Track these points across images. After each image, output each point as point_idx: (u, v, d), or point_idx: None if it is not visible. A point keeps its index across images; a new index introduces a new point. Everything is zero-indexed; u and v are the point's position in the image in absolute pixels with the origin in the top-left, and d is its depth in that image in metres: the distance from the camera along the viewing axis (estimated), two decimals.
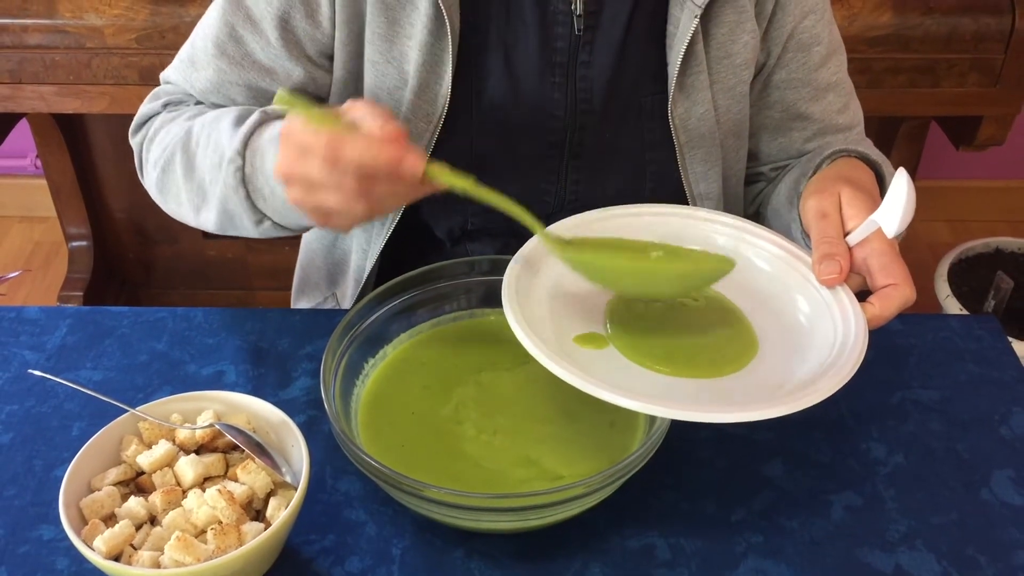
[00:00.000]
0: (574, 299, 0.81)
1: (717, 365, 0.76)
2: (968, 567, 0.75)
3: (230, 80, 0.94)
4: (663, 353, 0.77)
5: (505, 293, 0.76)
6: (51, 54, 1.62)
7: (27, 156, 2.47)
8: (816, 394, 0.69)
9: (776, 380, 0.74)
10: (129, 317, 0.97)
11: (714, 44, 0.94)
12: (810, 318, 0.80)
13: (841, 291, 0.78)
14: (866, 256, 0.78)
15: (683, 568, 0.75)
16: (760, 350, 0.78)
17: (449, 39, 0.88)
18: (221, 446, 0.75)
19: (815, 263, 0.80)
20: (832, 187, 0.83)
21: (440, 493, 0.69)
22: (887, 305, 0.76)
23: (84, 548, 0.66)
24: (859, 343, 0.73)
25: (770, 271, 0.84)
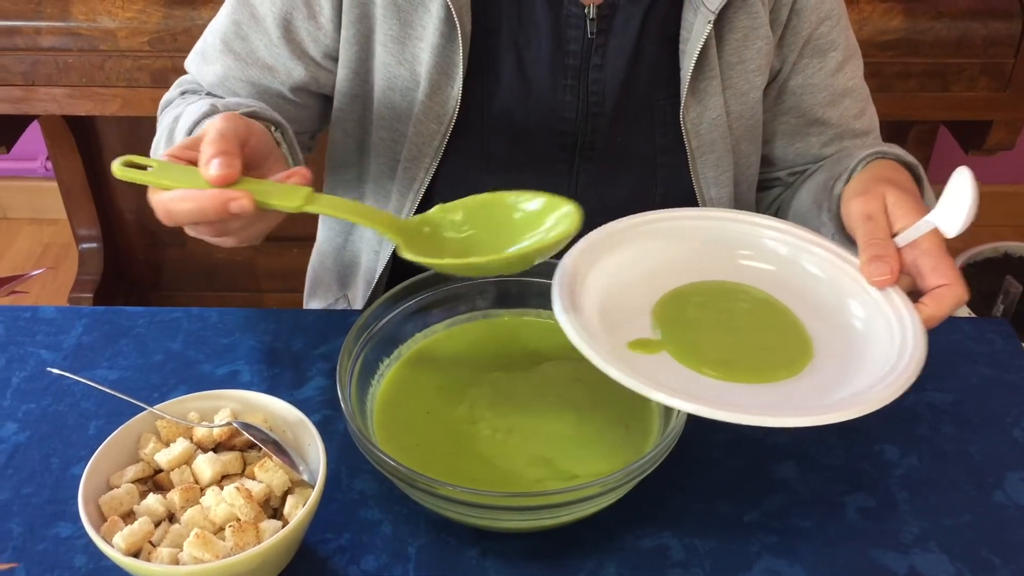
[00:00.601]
0: (621, 303, 0.80)
1: (772, 370, 0.75)
2: (982, 568, 0.75)
3: (235, 76, 0.96)
4: (718, 358, 0.75)
5: (557, 303, 0.75)
6: (64, 56, 1.63)
7: (37, 158, 2.48)
8: (882, 397, 0.68)
9: (834, 384, 0.73)
10: (144, 317, 0.97)
11: (727, 50, 0.94)
12: (864, 322, 0.78)
13: (893, 293, 0.77)
14: (916, 257, 0.77)
15: (697, 568, 0.75)
16: (815, 354, 0.77)
17: (460, 41, 0.89)
18: (238, 444, 0.76)
19: (864, 265, 0.78)
20: (876, 189, 0.81)
21: (455, 491, 0.69)
22: (941, 305, 0.75)
23: (104, 545, 0.66)
24: (920, 345, 0.72)
25: (823, 276, 0.83)
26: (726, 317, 0.81)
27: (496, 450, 0.79)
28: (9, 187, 2.57)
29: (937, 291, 0.75)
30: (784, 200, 1.07)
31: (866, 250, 0.78)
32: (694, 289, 0.83)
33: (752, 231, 0.86)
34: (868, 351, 0.76)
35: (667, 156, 0.98)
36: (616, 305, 0.79)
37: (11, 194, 2.58)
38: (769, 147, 1.06)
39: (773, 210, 1.10)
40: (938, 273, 0.75)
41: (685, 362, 0.75)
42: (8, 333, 0.95)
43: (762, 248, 0.85)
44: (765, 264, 0.85)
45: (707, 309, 0.81)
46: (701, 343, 0.77)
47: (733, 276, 0.84)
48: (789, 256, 0.84)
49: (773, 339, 0.79)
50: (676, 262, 0.84)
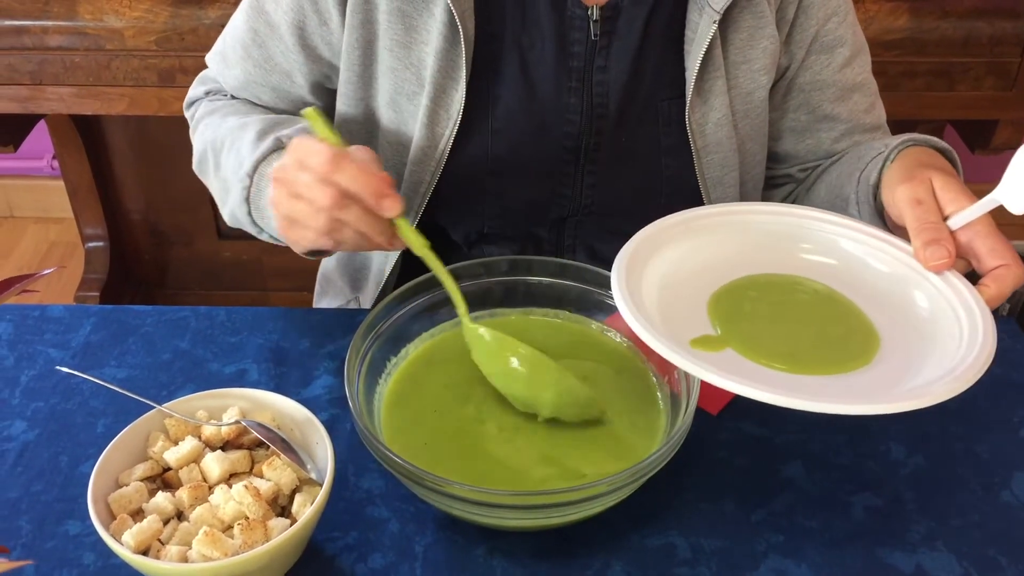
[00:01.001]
0: (679, 300, 0.80)
1: (839, 361, 0.74)
2: (989, 568, 0.75)
3: (255, 81, 0.99)
4: (783, 351, 0.75)
5: (619, 298, 0.74)
6: (71, 56, 1.63)
7: (44, 157, 2.49)
8: (961, 381, 0.68)
9: (904, 373, 0.73)
10: (152, 316, 0.98)
11: (732, 49, 0.94)
12: (930, 311, 0.78)
13: (954, 279, 0.77)
14: (970, 239, 0.76)
15: (703, 567, 0.75)
16: (882, 344, 0.76)
17: (463, 45, 0.89)
18: (247, 443, 0.76)
19: (919, 250, 0.77)
20: (921, 174, 0.81)
21: (463, 490, 0.69)
22: (1004, 284, 0.75)
23: (113, 542, 0.66)
24: (990, 322, 0.72)
25: (884, 269, 0.82)
26: (785, 310, 0.80)
27: (503, 449, 0.79)
28: (16, 186, 2.58)
29: (997, 271, 0.75)
30: (798, 196, 1.07)
31: (920, 235, 0.78)
32: (749, 283, 0.83)
33: (810, 224, 0.86)
34: (936, 338, 0.76)
35: (672, 156, 0.98)
36: (673, 302, 0.79)
37: (18, 193, 2.59)
38: (779, 144, 1.05)
39: None
40: (996, 254, 0.75)
41: (751, 357, 0.75)
42: (17, 332, 0.96)
43: (822, 242, 0.85)
44: (826, 258, 0.85)
45: (763, 303, 0.81)
46: (763, 337, 0.77)
47: (792, 270, 0.84)
48: (848, 248, 0.85)
49: (837, 331, 0.78)
50: (733, 257, 0.84)
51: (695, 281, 0.82)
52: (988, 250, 0.76)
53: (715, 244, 0.85)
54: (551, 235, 1.03)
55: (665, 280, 0.80)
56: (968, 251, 0.77)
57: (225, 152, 0.93)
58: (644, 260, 0.80)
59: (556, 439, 0.80)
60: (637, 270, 0.79)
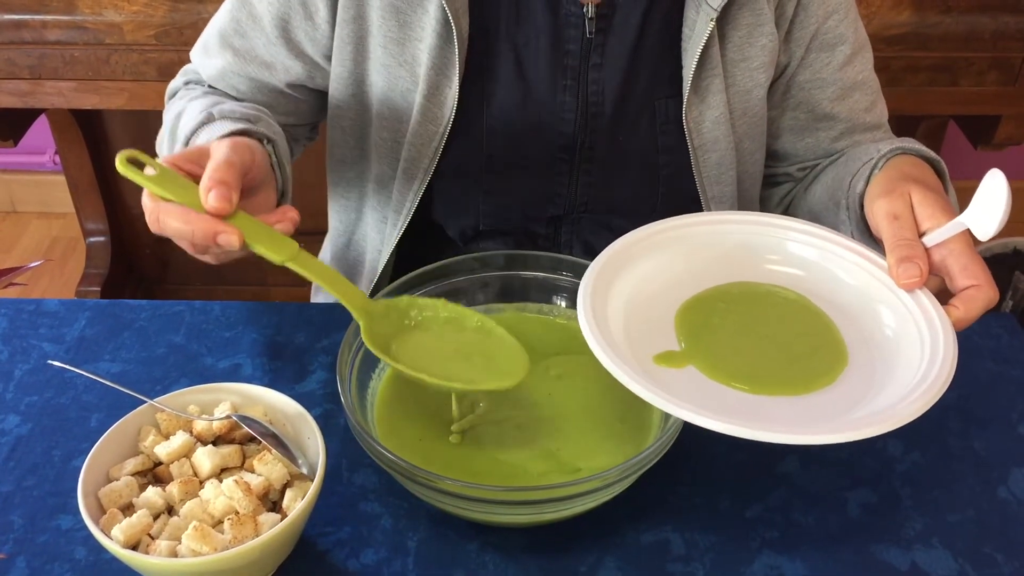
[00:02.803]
0: (646, 314, 0.79)
1: (803, 381, 0.73)
2: (985, 565, 0.74)
3: (234, 71, 0.98)
4: (748, 370, 0.74)
5: (583, 315, 0.74)
6: (70, 50, 1.63)
7: (46, 152, 2.49)
8: (915, 408, 0.67)
9: (865, 395, 0.72)
10: (147, 310, 0.98)
11: (730, 47, 0.93)
12: (894, 327, 0.77)
13: (923, 296, 0.76)
14: (944, 257, 0.75)
15: (697, 563, 0.75)
16: (848, 362, 0.75)
17: (456, 43, 0.88)
18: (238, 437, 0.76)
19: (892, 266, 0.76)
20: (901, 187, 0.80)
21: (455, 485, 0.69)
22: (971, 307, 0.73)
23: (102, 537, 0.66)
24: (950, 351, 0.71)
25: (851, 281, 0.81)
26: (754, 323, 0.79)
27: (498, 445, 0.79)
28: (18, 181, 2.58)
29: (967, 292, 0.74)
30: (796, 195, 1.06)
31: (894, 251, 0.77)
32: (719, 295, 0.81)
33: (779, 234, 0.84)
34: (899, 358, 0.74)
35: (669, 155, 0.97)
36: (641, 316, 0.78)
37: (20, 188, 2.59)
38: (778, 142, 1.05)
39: (784, 206, 1.09)
40: (968, 274, 0.74)
41: (712, 376, 0.74)
42: (11, 326, 0.96)
43: (789, 252, 0.84)
44: (793, 269, 0.84)
45: (733, 315, 0.79)
46: (727, 353, 0.76)
47: (762, 281, 0.83)
48: (818, 260, 0.83)
49: (804, 346, 0.77)
50: (700, 269, 0.83)
51: (665, 294, 0.81)
52: (960, 269, 0.74)
53: (684, 256, 0.83)
54: (548, 232, 1.02)
55: (634, 294, 0.79)
56: (942, 269, 0.76)
57: (179, 133, 0.90)
58: (613, 275, 0.79)
59: (552, 434, 0.79)
60: (604, 287, 0.78)
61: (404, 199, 0.97)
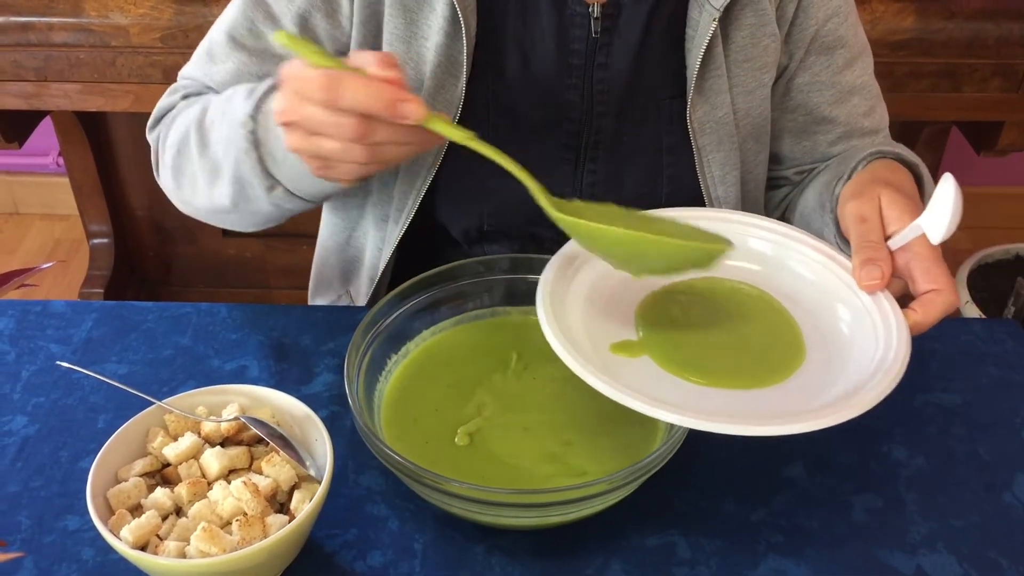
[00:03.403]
0: (609, 303, 0.80)
1: (757, 376, 0.74)
2: (990, 570, 0.75)
3: (249, 71, 0.95)
4: (700, 364, 0.75)
5: (540, 300, 0.75)
6: (76, 52, 1.64)
7: (49, 154, 2.49)
8: (858, 406, 0.67)
9: (816, 391, 0.73)
10: (154, 312, 0.98)
11: (734, 47, 0.94)
12: (851, 325, 0.78)
13: (882, 297, 0.77)
14: (908, 260, 0.76)
15: (703, 567, 0.75)
16: (805, 360, 0.76)
17: (464, 41, 0.89)
18: (246, 439, 0.76)
19: (856, 268, 0.77)
20: (871, 190, 0.81)
21: (462, 488, 0.69)
22: (930, 311, 0.74)
23: (111, 538, 0.66)
24: (902, 352, 0.72)
25: (810, 277, 0.82)
26: (715, 316, 0.80)
27: (505, 447, 0.79)
28: (21, 183, 2.58)
29: (926, 296, 0.75)
30: (791, 200, 1.07)
31: (858, 253, 0.78)
32: (681, 288, 0.82)
33: (739, 230, 0.85)
34: (853, 355, 0.75)
35: (673, 155, 0.98)
36: (600, 308, 0.79)
37: (23, 189, 2.60)
38: (776, 145, 1.05)
39: (782, 210, 1.09)
40: (929, 278, 0.75)
41: (666, 367, 0.75)
42: (19, 327, 0.96)
43: (748, 248, 0.85)
44: (751, 264, 0.84)
45: (694, 308, 0.80)
46: (684, 346, 0.77)
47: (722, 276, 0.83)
48: (775, 256, 0.84)
49: (763, 341, 0.78)
50: None
51: (625, 287, 0.81)
52: (923, 272, 0.75)
53: None
54: (553, 234, 1.02)
55: (595, 287, 0.80)
56: (905, 272, 0.77)
57: (216, 125, 0.87)
58: (575, 267, 0.80)
59: (559, 437, 0.80)
60: (566, 278, 0.79)
61: (406, 198, 0.98)
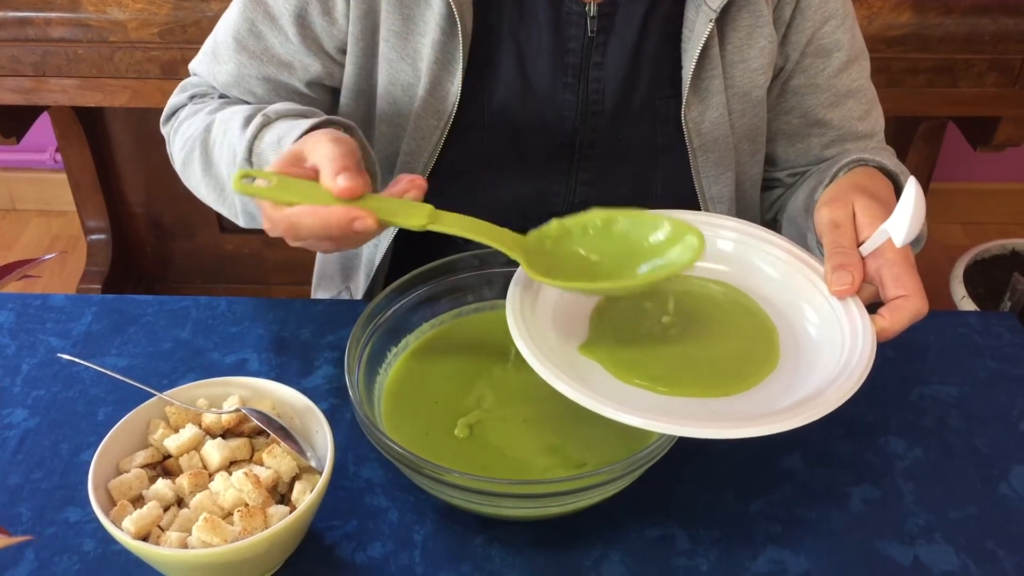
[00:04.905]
0: (572, 308, 0.80)
1: (727, 384, 0.74)
2: (987, 560, 0.75)
3: (250, 74, 0.96)
4: (659, 373, 0.74)
5: (509, 303, 0.75)
6: (74, 48, 1.63)
7: (47, 150, 2.49)
8: (820, 408, 0.67)
9: (782, 392, 0.73)
10: (153, 305, 0.98)
11: (730, 48, 0.94)
12: (819, 328, 0.78)
13: (851, 302, 0.77)
14: (879, 266, 0.76)
15: (701, 558, 0.75)
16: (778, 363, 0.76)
17: (460, 38, 0.89)
18: (247, 431, 0.76)
19: (827, 273, 0.78)
20: (846, 197, 0.81)
21: (462, 478, 0.70)
22: (897, 318, 0.74)
23: (113, 528, 0.67)
24: (865, 357, 0.72)
25: (778, 278, 0.82)
26: (685, 325, 0.79)
27: (504, 439, 0.79)
28: (18, 178, 2.58)
29: (895, 302, 0.75)
30: (783, 202, 1.07)
31: (830, 258, 0.78)
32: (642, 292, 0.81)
33: (707, 231, 0.83)
34: (819, 359, 0.75)
35: (668, 155, 0.98)
36: (567, 310, 0.79)
37: (20, 185, 2.59)
38: (771, 147, 1.05)
39: (774, 211, 1.10)
40: (899, 284, 0.75)
41: (619, 375, 0.74)
42: (19, 320, 0.96)
43: (714, 248, 0.84)
44: (718, 265, 0.84)
45: (648, 316, 0.80)
46: (638, 356, 0.76)
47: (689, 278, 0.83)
48: (742, 256, 0.84)
49: (736, 348, 0.78)
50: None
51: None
52: (892, 279, 0.75)
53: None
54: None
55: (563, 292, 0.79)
56: (875, 278, 0.77)
57: (217, 147, 0.90)
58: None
59: (558, 429, 0.80)
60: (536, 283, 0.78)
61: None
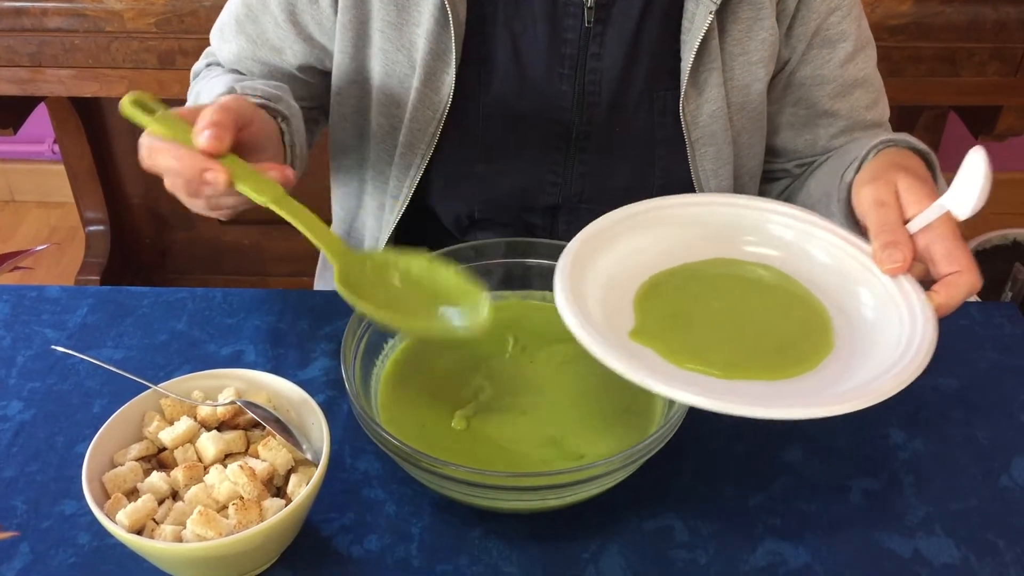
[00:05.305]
0: (621, 293, 0.78)
1: (779, 368, 0.72)
2: (987, 552, 0.75)
3: (247, 56, 1.00)
4: (715, 358, 0.72)
5: (559, 292, 0.73)
6: (70, 37, 1.63)
7: (44, 141, 2.48)
8: (888, 389, 0.66)
9: (841, 374, 0.72)
10: (149, 297, 0.97)
11: (730, 40, 0.93)
12: (874, 310, 0.76)
13: (904, 281, 0.75)
14: (929, 243, 0.74)
15: (700, 550, 0.75)
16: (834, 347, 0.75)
17: (452, 29, 0.88)
18: (242, 423, 0.76)
19: (876, 252, 0.76)
20: (888, 175, 0.79)
21: (459, 471, 0.69)
22: (953, 293, 0.73)
23: (107, 522, 0.66)
24: (928, 335, 0.70)
25: (829, 262, 0.81)
26: (723, 306, 0.79)
27: (502, 431, 0.79)
28: (17, 170, 2.57)
29: (949, 278, 0.73)
30: (792, 191, 1.06)
31: (878, 237, 0.76)
32: (694, 275, 0.81)
33: (758, 216, 0.84)
34: (877, 340, 0.74)
35: (666, 147, 0.97)
36: (616, 295, 0.78)
37: (19, 177, 2.59)
38: (777, 138, 1.04)
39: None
40: (951, 259, 0.73)
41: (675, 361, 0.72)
42: (14, 312, 0.95)
43: (767, 233, 0.84)
44: (770, 250, 0.83)
45: (698, 301, 0.79)
46: (692, 342, 0.75)
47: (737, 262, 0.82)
48: (795, 241, 0.83)
49: (790, 331, 0.77)
50: (676, 249, 0.82)
51: (643, 274, 0.80)
52: (944, 255, 0.74)
53: (665, 237, 0.82)
54: (544, 222, 1.02)
55: (615, 273, 0.79)
56: (926, 255, 0.75)
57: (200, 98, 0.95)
58: (591, 254, 0.79)
59: (556, 421, 0.79)
60: (582, 265, 0.77)
61: (401, 185, 0.97)
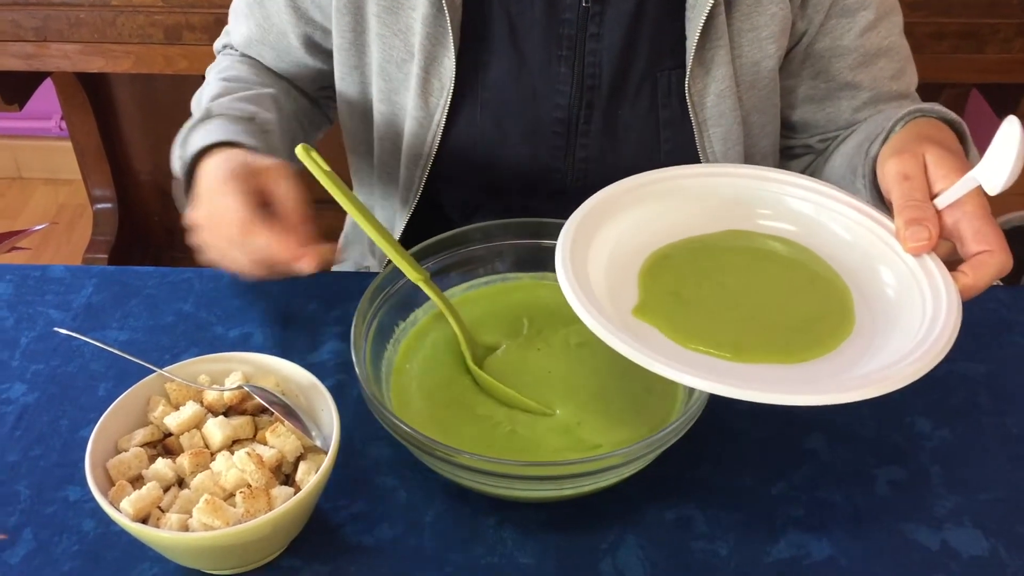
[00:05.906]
0: (627, 267, 0.76)
1: (795, 350, 0.69)
2: (1017, 545, 0.72)
3: (257, 40, 0.99)
4: (725, 338, 0.70)
5: (560, 266, 0.71)
6: (76, 12, 1.61)
7: (52, 118, 2.46)
8: (909, 374, 0.63)
9: (860, 357, 0.68)
10: (155, 277, 0.95)
11: (737, 15, 0.89)
12: (896, 290, 0.73)
13: (929, 260, 0.72)
14: (957, 220, 0.70)
15: (721, 541, 0.73)
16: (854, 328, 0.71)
17: (448, 12, 0.86)
18: (250, 409, 0.74)
19: (899, 229, 0.72)
20: (915, 147, 0.75)
21: (474, 460, 0.67)
22: (981, 274, 0.69)
23: (111, 510, 0.64)
24: (952, 318, 0.67)
25: (850, 239, 0.77)
26: (735, 282, 0.75)
27: (517, 418, 0.77)
28: (24, 146, 2.56)
29: (978, 258, 0.69)
30: (816, 168, 1.03)
31: (902, 212, 0.72)
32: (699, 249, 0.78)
33: (774, 188, 0.81)
34: (898, 323, 0.71)
35: (671, 130, 0.94)
36: (621, 269, 0.75)
37: (26, 153, 2.57)
38: (796, 113, 1.01)
39: None
40: (980, 238, 0.69)
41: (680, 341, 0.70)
42: (17, 292, 0.94)
43: (784, 207, 0.80)
44: (786, 224, 0.80)
45: (707, 277, 0.76)
46: (700, 320, 0.72)
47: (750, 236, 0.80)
48: (813, 215, 0.79)
49: (808, 312, 0.74)
50: (686, 221, 0.79)
51: (650, 246, 0.77)
52: (973, 233, 0.70)
53: (674, 209, 0.79)
54: (548, 209, 0.99)
55: (619, 245, 0.76)
56: (953, 233, 0.71)
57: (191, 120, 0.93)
58: (596, 225, 0.76)
59: (572, 408, 0.77)
60: (586, 237, 0.74)
61: (411, 176, 0.96)
